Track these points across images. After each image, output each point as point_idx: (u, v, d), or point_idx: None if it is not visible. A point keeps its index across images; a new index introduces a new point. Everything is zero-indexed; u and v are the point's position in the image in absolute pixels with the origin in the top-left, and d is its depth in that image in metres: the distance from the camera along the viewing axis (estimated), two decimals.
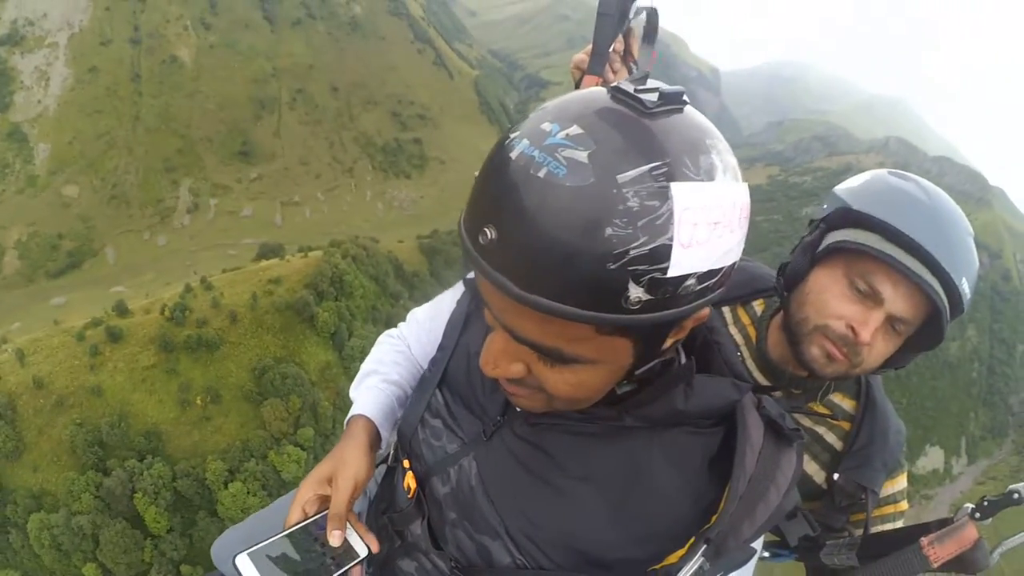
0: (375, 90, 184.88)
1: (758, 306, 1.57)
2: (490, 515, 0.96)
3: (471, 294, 1.20)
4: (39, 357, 71.63)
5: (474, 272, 0.73)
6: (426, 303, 1.42)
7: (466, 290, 1.23)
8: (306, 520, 1.02)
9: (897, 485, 1.50)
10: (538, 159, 0.66)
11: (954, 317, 1.25)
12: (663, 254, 0.65)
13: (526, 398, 0.87)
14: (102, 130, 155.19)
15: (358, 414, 1.21)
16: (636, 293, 0.66)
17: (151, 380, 71.75)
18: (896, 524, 1.50)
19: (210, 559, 1.62)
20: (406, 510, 1.08)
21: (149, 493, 62.23)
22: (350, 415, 1.23)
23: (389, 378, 1.29)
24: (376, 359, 1.35)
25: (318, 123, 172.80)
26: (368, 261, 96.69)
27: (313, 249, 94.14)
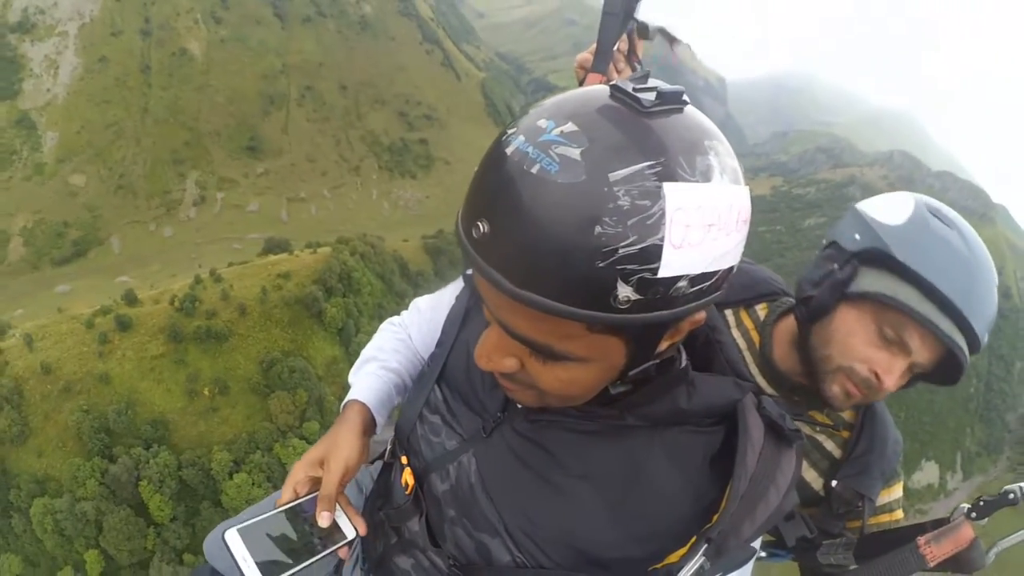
0: (383, 89, 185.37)
1: (761, 310, 1.56)
2: (489, 513, 0.95)
3: (470, 290, 1.19)
4: (47, 343, 71.98)
5: (469, 266, 0.70)
6: (429, 294, 1.42)
7: (465, 285, 1.22)
8: (297, 500, 1.03)
9: (893, 494, 1.51)
10: (532, 155, 0.66)
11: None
12: (653, 254, 0.64)
13: (520, 393, 0.87)
14: (110, 120, 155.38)
15: (354, 399, 1.20)
16: (625, 292, 0.65)
17: (159, 369, 72.24)
18: None
19: None
20: (403, 506, 1.07)
21: (154, 481, 62.73)
22: (346, 400, 1.22)
23: (388, 365, 1.28)
24: (377, 346, 1.35)
25: (326, 120, 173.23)
26: (375, 259, 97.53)
27: (321, 245, 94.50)
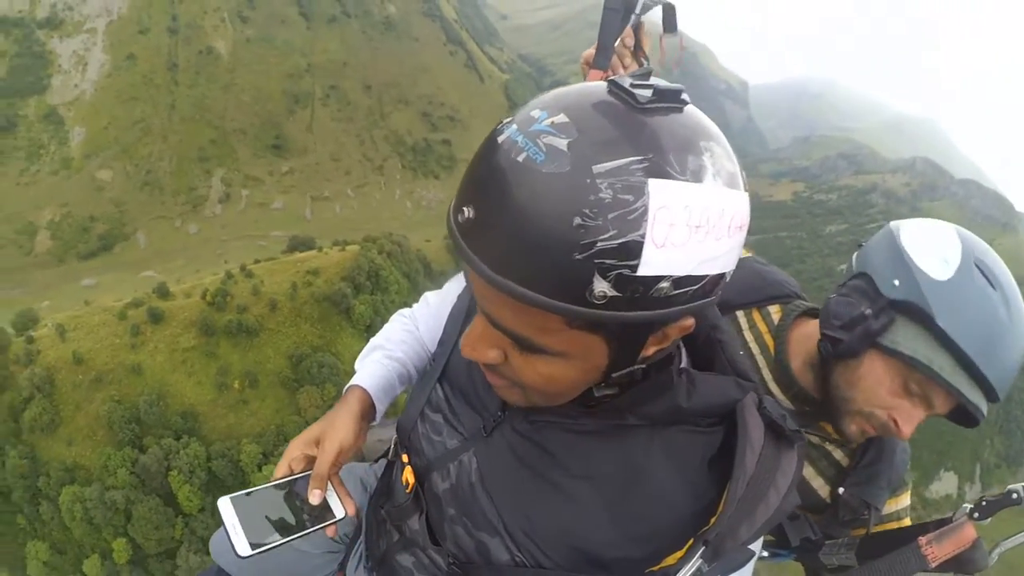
0: (407, 90, 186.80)
1: (775, 313, 1.53)
2: (489, 512, 0.95)
3: (469, 288, 1.16)
4: (79, 333, 73.39)
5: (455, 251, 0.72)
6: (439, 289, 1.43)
7: (467, 284, 1.17)
8: (291, 476, 1.04)
9: (901, 503, 1.51)
10: (520, 144, 0.66)
11: None
12: (633, 251, 0.63)
13: (506, 390, 0.87)
14: (137, 117, 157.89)
15: (355, 384, 1.22)
16: (601, 287, 0.64)
17: (191, 362, 73.50)
18: None
19: None
20: (404, 505, 1.08)
21: (184, 472, 63.86)
22: (348, 385, 1.24)
23: (393, 355, 1.30)
24: (384, 335, 1.37)
25: (350, 120, 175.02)
26: (402, 258, 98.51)
27: (349, 243, 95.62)
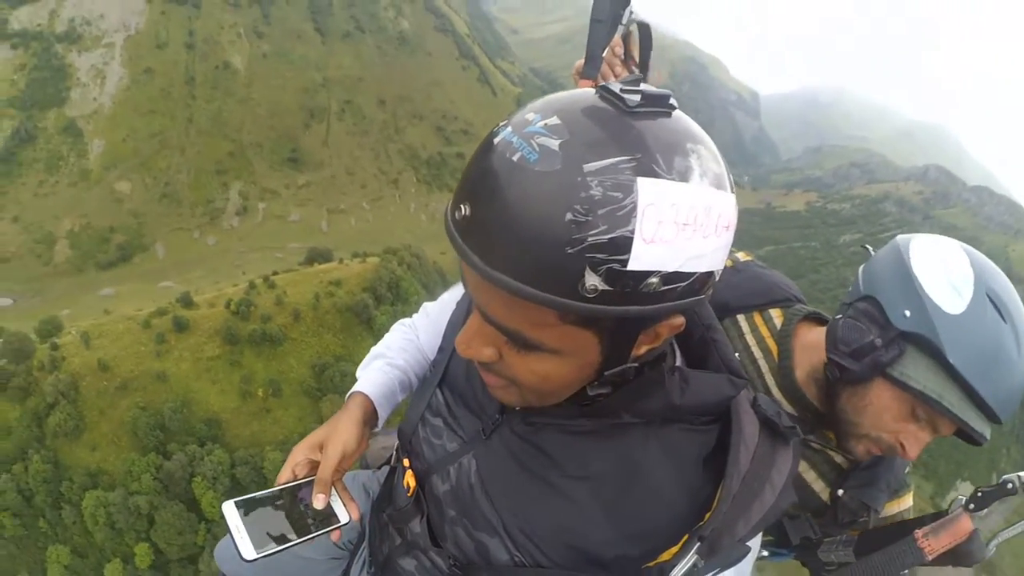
0: (421, 104, 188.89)
1: (776, 317, 1.52)
2: (488, 512, 0.97)
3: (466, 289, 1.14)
4: (104, 341, 74.18)
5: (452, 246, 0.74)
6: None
7: (464, 286, 1.12)
8: (295, 481, 1.05)
9: (903, 504, 1.49)
10: (515, 144, 0.68)
11: None
12: (623, 245, 0.65)
13: (501, 390, 0.88)
14: (155, 130, 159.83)
15: (357, 391, 1.25)
16: (593, 281, 0.66)
17: (215, 370, 74.15)
18: None
19: None
20: (405, 508, 1.10)
21: (208, 478, 64.23)
22: (351, 392, 1.26)
23: (394, 363, 1.33)
24: (386, 344, 1.40)
25: (365, 134, 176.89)
26: (420, 269, 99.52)
27: (368, 255, 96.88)
